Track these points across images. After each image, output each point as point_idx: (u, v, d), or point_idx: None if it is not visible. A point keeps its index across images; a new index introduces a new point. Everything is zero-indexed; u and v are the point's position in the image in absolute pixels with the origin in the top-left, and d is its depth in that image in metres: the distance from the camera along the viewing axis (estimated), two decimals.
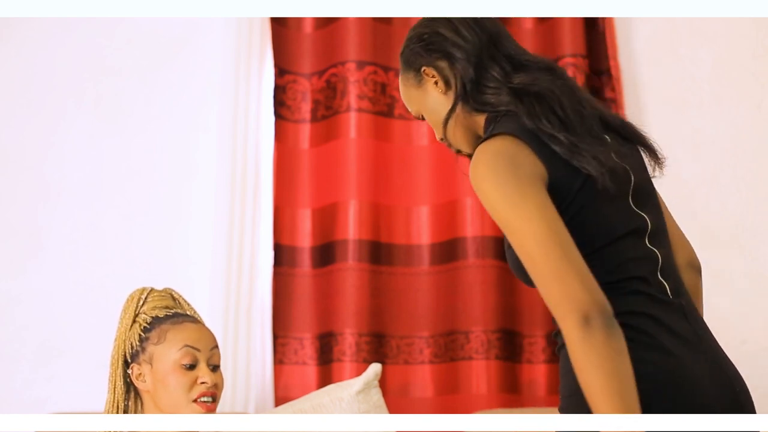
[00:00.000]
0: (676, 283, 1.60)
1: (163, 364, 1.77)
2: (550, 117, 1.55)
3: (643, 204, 1.63)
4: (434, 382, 2.84)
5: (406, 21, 3.04)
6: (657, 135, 3.03)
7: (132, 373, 1.80)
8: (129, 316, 1.84)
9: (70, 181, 3.03)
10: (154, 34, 3.10)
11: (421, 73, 1.66)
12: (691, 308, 1.61)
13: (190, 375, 1.77)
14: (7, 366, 2.91)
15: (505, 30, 1.68)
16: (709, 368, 1.52)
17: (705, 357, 1.53)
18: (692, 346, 1.53)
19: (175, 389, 1.76)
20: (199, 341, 1.79)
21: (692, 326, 1.56)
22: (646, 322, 1.52)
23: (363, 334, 2.80)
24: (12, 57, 3.12)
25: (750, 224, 2.98)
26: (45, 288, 2.95)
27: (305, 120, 2.99)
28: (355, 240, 2.85)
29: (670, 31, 3.11)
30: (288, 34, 3.04)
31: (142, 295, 1.87)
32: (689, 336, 1.54)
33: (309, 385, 2.82)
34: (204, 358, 1.79)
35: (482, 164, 1.51)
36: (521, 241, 1.45)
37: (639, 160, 1.68)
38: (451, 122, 1.65)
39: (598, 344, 1.37)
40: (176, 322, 1.81)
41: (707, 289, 2.93)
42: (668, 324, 1.53)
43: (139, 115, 3.07)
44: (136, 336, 1.81)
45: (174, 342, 1.78)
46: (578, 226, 1.51)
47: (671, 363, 1.49)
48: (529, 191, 1.47)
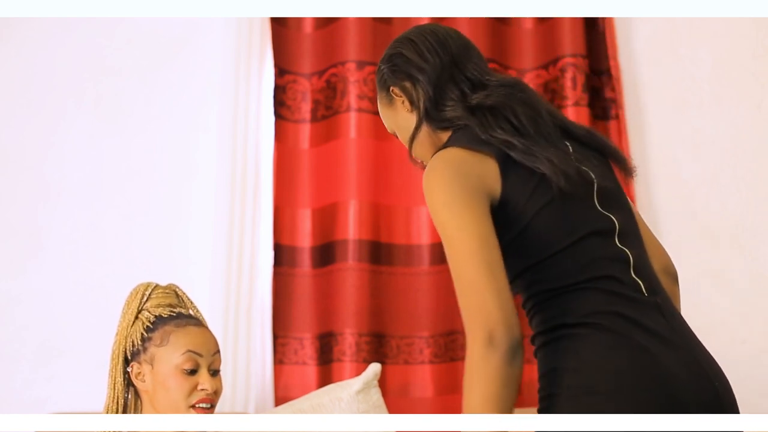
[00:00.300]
0: (651, 281, 1.61)
1: (165, 366, 1.76)
2: (504, 125, 1.62)
3: (610, 206, 1.65)
4: (434, 382, 2.84)
5: (406, 21, 3.04)
6: (657, 135, 3.07)
7: (132, 371, 1.79)
8: (132, 312, 1.82)
9: (70, 181, 3.03)
10: (154, 34, 3.10)
11: (390, 92, 1.75)
12: (668, 305, 1.62)
13: (190, 380, 1.76)
14: (7, 366, 2.91)
15: (476, 50, 1.75)
16: (685, 364, 1.52)
17: (682, 353, 1.54)
18: (668, 342, 1.53)
19: (174, 393, 1.75)
20: (202, 346, 1.79)
21: (669, 323, 1.57)
22: (615, 320, 1.53)
23: (363, 334, 2.80)
24: (12, 57, 3.12)
25: (750, 224, 2.98)
26: (45, 288, 2.95)
27: (305, 120, 2.99)
28: (355, 240, 2.85)
29: (670, 31, 3.11)
30: (288, 34, 3.04)
31: (146, 290, 1.85)
32: (665, 333, 1.54)
33: (309, 385, 2.82)
34: (206, 363, 1.78)
35: (430, 173, 1.58)
36: (452, 249, 1.50)
37: (604, 167, 1.71)
38: (417, 139, 1.73)
39: (491, 368, 1.43)
40: (180, 325, 1.80)
41: (707, 288, 2.95)
42: (642, 321, 1.54)
43: (139, 115, 3.07)
44: (138, 334, 1.80)
45: (177, 346, 1.77)
46: (540, 226, 1.55)
47: (645, 359, 1.50)
48: (470, 203, 1.53)
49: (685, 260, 2.95)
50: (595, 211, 1.62)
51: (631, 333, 1.52)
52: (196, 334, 1.80)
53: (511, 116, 1.63)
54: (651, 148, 3.03)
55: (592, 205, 1.62)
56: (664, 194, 3.01)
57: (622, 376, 1.47)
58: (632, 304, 1.56)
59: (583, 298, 1.51)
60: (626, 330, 1.52)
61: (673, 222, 2.98)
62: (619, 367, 1.48)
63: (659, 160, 3.02)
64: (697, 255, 2.97)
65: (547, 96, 2.97)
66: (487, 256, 1.48)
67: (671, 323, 1.58)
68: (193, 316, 1.86)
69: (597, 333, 1.51)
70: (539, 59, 3.01)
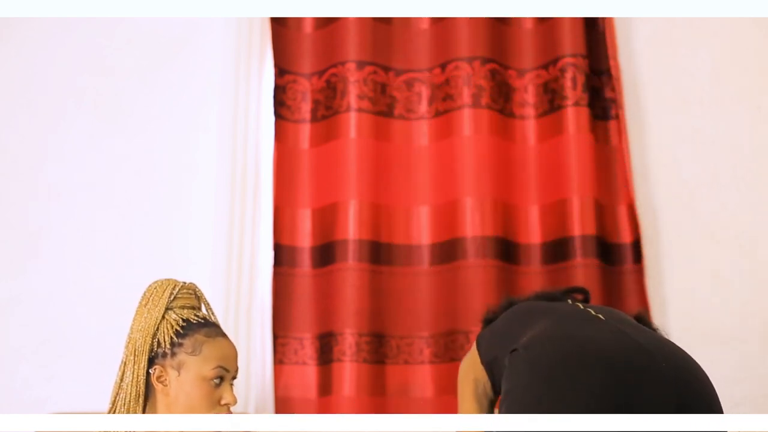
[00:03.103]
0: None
1: (192, 375, 1.76)
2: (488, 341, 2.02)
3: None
4: (434, 382, 2.84)
5: (406, 21, 3.04)
6: (657, 135, 3.07)
7: (154, 373, 1.78)
8: (159, 309, 1.79)
9: (70, 181, 3.03)
10: (154, 34, 3.10)
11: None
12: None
13: (215, 393, 1.77)
14: (7, 366, 2.91)
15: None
16: (610, 332, 1.67)
17: (604, 325, 1.71)
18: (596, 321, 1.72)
19: (198, 404, 1.75)
20: (231, 361, 1.80)
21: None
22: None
23: (363, 334, 2.80)
24: (12, 57, 3.12)
25: (750, 224, 2.98)
26: (45, 288, 2.95)
27: (305, 120, 2.99)
28: (355, 240, 2.85)
29: (670, 31, 3.11)
30: (288, 34, 3.04)
31: (174, 290, 1.83)
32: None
33: (309, 385, 2.82)
34: (230, 377, 1.79)
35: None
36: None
37: None
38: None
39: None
40: (210, 335, 1.79)
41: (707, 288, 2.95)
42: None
43: (139, 115, 3.07)
44: (167, 336, 1.77)
45: (209, 359, 1.77)
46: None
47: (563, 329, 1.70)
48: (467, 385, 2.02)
49: (685, 260, 2.96)
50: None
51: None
52: (225, 348, 1.80)
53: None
54: (651, 148, 3.03)
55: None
56: (664, 194, 3.01)
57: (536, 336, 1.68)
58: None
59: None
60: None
61: (673, 222, 2.98)
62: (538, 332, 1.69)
63: (659, 160, 3.02)
64: (697, 255, 2.97)
65: (547, 96, 2.98)
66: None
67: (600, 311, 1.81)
68: (218, 325, 1.86)
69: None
70: (539, 59, 3.01)
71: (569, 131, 2.90)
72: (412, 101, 3.00)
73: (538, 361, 1.59)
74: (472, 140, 2.90)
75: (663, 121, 3.06)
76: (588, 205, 2.85)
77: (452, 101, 2.97)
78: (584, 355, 1.55)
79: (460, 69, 2.96)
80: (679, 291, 2.93)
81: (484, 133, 2.90)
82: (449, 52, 2.99)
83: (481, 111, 2.92)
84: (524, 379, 1.59)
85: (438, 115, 2.98)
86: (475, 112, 2.92)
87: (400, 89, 3.01)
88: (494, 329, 1.96)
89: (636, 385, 1.53)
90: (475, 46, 2.96)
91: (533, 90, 2.99)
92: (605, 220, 2.91)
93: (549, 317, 1.79)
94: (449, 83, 2.98)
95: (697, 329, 2.83)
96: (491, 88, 2.94)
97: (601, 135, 2.97)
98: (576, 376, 1.53)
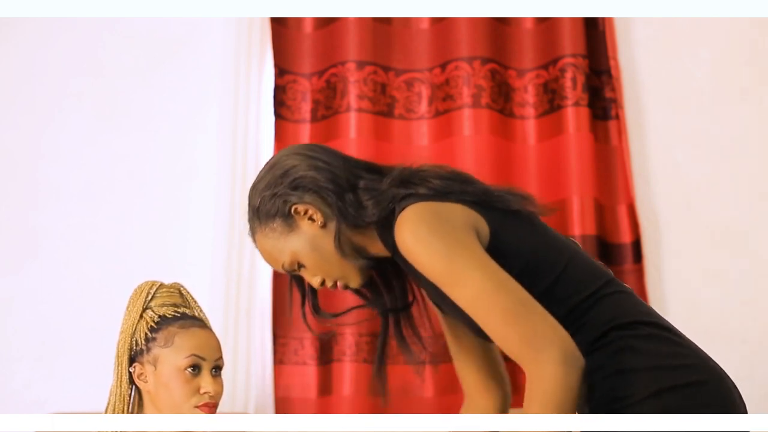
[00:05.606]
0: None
1: (168, 368, 1.76)
2: (442, 182, 1.60)
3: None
4: (434, 382, 2.84)
5: (406, 21, 3.04)
6: (657, 135, 3.06)
7: (134, 371, 1.79)
8: (136, 310, 1.81)
9: (68, 181, 3.03)
10: (153, 33, 3.10)
11: (292, 214, 1.66)
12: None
13: (193, 383, 1.76)
14: (7, 366, 2.91)
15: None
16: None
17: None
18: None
19: (176, 395, 1.75)
20: (205, 349, 1.78)
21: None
22: (660, 317, 1.61)
23: (363, 334, 2.80)
24: (11, 56, 3.11)
25: (750, 224, 2.98)
26: (44, 288, 2.95)
27: (305, 120, 2.99)
28: None
29: (670, 31, 3.11)
30: (288, 34, 3.04)
31: (151, 289, 1.84)
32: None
33: (309, 385, 2.82)
34: (208, 366, 1.78)
35: (409, 229, 1.52)
36: (476, 290, 1.46)
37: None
38: (341, 249, 1.64)
39: (573, 385, 1.42)
40: (184, 326, 1.79)
41: (707, 288, 2.95)
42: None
43: (138, 115, 3.07)
44: (142, 334, 1.79)
45: (181, 348, 1.76)
46: (542, 252, 1.58)
47: (700, 352, 1.59)
48: (469, 241, 1.50)
49: (685, 260, 2.96)
50: (555, 232, 1.68)
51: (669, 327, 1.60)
52: (200, 337, 1.79)
53: (439, 174, 1.63)
54: (651, 148, 3.03)
55: (548, 227, 1.68)
56: (664, 194, 3.01)
57: (710, 364, 1.55)
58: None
59: (618, 301, 1.56)
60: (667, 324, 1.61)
61: (673, 222, 2.98)
62: (704, 359, 1.55)
63: (659, 160, 3.02)
64: (697, 255, 2.97)
65: (547, 96, 2.98)
66: (514, 284, 1.48)
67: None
68: (198, 318, 1.86)
69: (658, 330, 1.56)
70: (539, 59, 3.00)
71: (569, 131, 2.90)
72: (412, 101, 3.00)
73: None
74: (472, 140, 2.90)
75: (663, 121, 3.05)
76: (588, 205, 2.85)
77: (452, 101, 2.96)
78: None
79: (460, 69, 2.96)
80: (679, 291, 2.93)
81: (484, 133, 2.90)
82: (449, 52, 2.99)
83: (481, 111, 2.92)
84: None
85: (438, 115, 2.98)
86: (475, 112, 2.92)
87: (400, 89, 3.01)
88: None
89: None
90: (475, 46, 2.96)
91: (533, 90, 2.99)
92: (605, 220, 2.91)
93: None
94: (449, 83, 2.98)
95: (697, 329, 2.82)
96: (491, 88, 2.94)
97: (601, 135, 2.97)
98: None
